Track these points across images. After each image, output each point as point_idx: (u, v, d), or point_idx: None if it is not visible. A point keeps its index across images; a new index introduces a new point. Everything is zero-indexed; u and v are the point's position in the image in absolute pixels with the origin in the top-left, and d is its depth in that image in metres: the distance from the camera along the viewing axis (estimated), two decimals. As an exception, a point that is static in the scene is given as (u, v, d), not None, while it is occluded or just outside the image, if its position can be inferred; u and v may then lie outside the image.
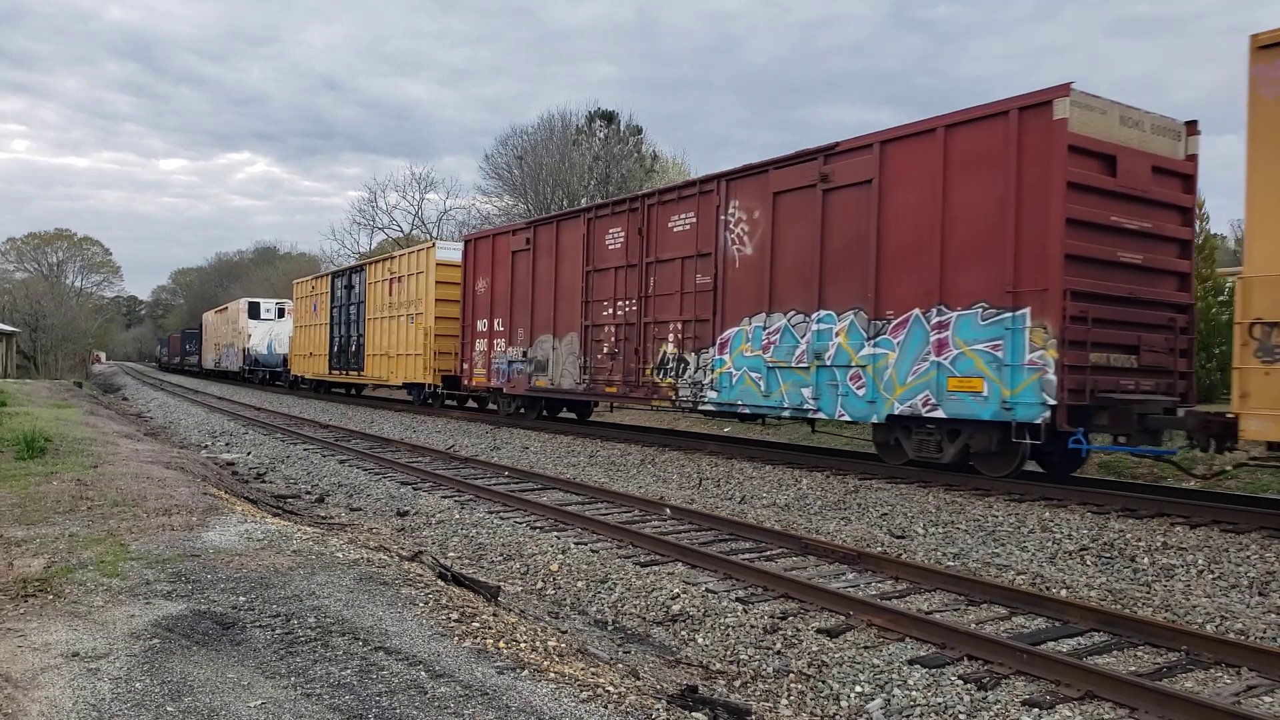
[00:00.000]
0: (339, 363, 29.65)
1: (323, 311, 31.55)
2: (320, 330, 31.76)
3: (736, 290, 13.43)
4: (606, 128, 40.22)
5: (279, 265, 77.69)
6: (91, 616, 4.67)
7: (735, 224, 13.53)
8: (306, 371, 33.96)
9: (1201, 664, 5.54)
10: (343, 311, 29.48)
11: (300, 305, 35.00)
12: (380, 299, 26.04)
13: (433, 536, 9.76)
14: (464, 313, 21.05)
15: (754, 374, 12.99)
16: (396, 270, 25.11)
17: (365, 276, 27.56)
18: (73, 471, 9.51)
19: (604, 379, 16.20)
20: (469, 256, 21.07)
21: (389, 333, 25.23)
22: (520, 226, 19.46)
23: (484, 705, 3.73)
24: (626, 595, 7.36)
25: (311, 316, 33.10)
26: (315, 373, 32.75)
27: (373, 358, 26.58)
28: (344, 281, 29.78)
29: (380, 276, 26.25)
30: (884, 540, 8.91)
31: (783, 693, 5.51)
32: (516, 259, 19.13)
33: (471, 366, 20.67)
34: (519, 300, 18.92)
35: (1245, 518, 8.59)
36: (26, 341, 57.37)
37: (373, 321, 26.60)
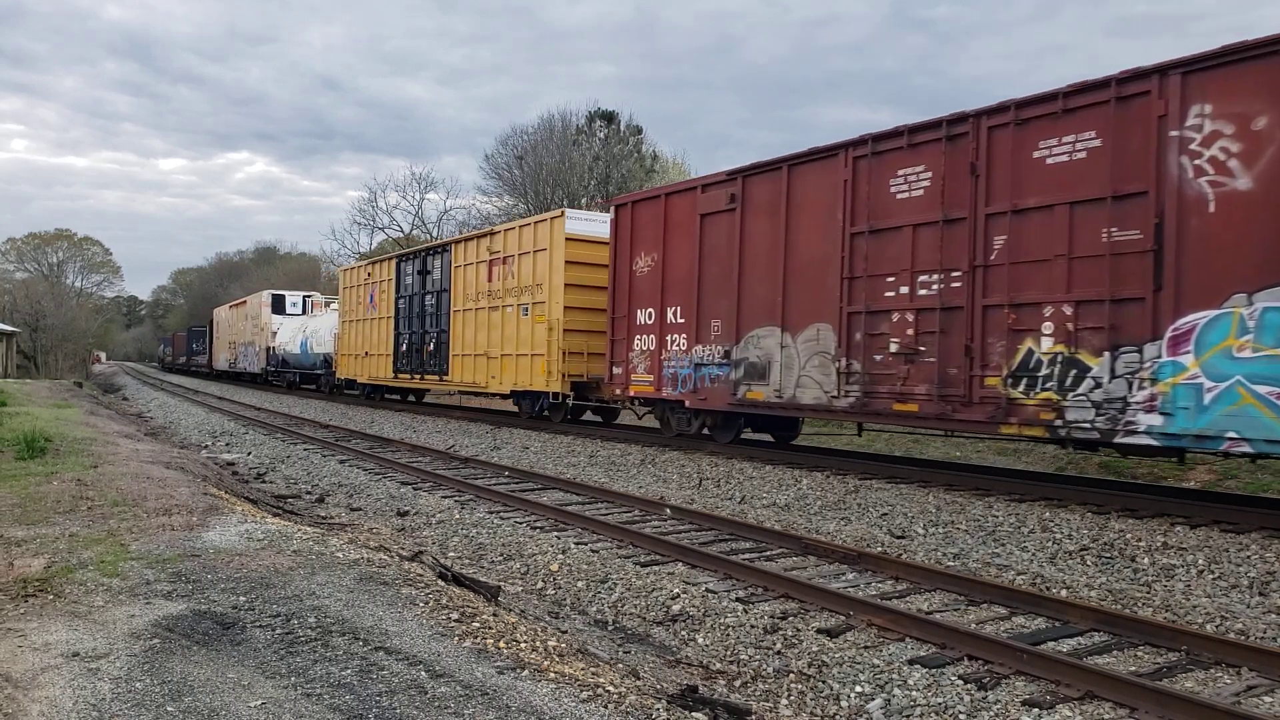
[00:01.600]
0: (409, 364, 24.30)
1: (384, 303, 25.99)
2: (380, 326, 26.33)
3: (1213, 249, 8.44)
4: (606, 128, 40.22)
5: (279, 265, 77.72)
6: (92, 616, 4.67)
7: (1204, 142, 8.61)
8: (360, 374, 28.05)
9: (1201, 664, 5.55)
10: (414, 302, 24.16)
11: (350, 296, 29.26)
12: (473, 286, 20.97)
13: (433, 536, 9.76)
14: (613, 300, 15.92)
15: (1269, 387, 7.94)
16: (500, 249, 19.84)
17: (450, 258, 22.23)
18: (73, 471, 9.51)
19: (891, 390, 11.13)
20: (622, 226, 15.81)
21: (488, 327, 20.19)
22: (716, 179, 13.82)
23: (484, 705, 3.73)
24: (627, 595, 7.36)
25: (366, 309, 27.58)
26: (373, 376, 26.80)
27: (462, 359, 21.45)
28: (416, 265, 24.23)
29: (474, 257, 21.00)
30: (884, 540, 8.91)
31: (783, 693, 5.51)
32: (709, 224, 13.90)
33: (627, 371, 15.48)
34: (713, 280, 13.78)
35: (1245, 518, 8.59)
36: (26, 341, 57.38)
37: (462, 314, 21.51)
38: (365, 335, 27.62)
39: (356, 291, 28.85)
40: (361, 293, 28.24)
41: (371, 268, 27.71)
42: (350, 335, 29.17)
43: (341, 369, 30.14)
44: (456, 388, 22.31)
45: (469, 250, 21.54)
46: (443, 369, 22.49)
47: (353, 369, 28.87)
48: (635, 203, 15.70)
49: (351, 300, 29.19)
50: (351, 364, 29.02)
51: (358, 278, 28.95)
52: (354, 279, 29.36)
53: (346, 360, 29.49)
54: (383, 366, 26.05)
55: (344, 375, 29.89)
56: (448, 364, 22.20)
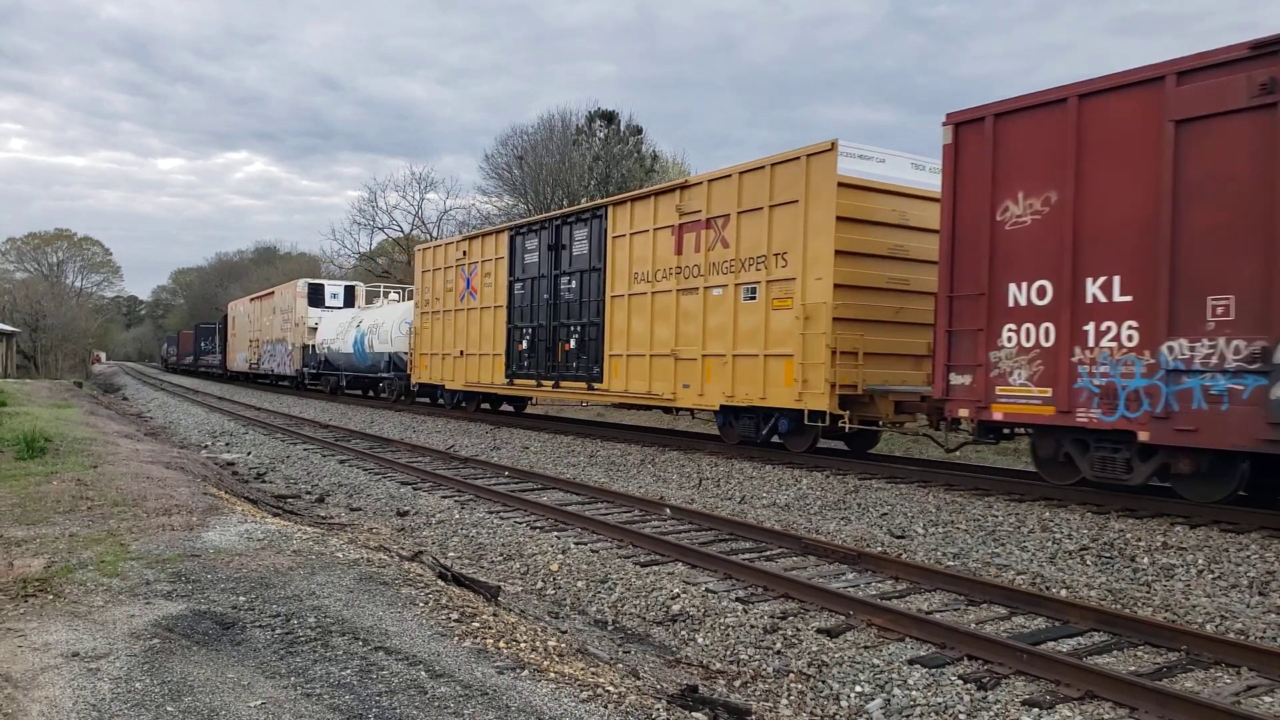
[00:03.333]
0: (533, 367, 18.73)
1: (490, 288, 20.54)
2: (483, 318, 20.77)
3: None
4: (606, 128, 40.23)
5: (279, 265, 77.70)
6: (91, 616, 4.67)
7: None
8: (450, 379, 22.14)
9: (1201, 664, 5.55)
10: (539, 287, 18.64)
11: (432, 282, 23.26)
12: (647, 261, 15.50)
13: (433, 536, 9.76)
14: (951, 271, 10.68)
15: None
16: (700, 207, 14.28)
17: (605, 225, 16.62)
18: (73, 471, 9.51)
19: None
20: (971, 154, 10.49)
21: (676, 318, 14.83)
22: (1219, 58, 8.51)
23: (484, 705, 3.73)
24: (626, 595, 7.36)
25: (459, 297, 21.85)
26: (471, 381, 21.13)
27: (626, 360, 15.94)
28: (544, 239, 18.56)
29: (648, 222, 15.53)
30: (884, 540, 8.91)
31: (783, 693, 5.51)
32: (1195, 138, 8.65)
33: (985, 381, 10.25)
34: (1208, 233, 8.55)
35: (1245, 518, 8.59)
36: (26, 341, 57.40)
37: (626, 300, 15.99)
38: (459, 330, 21.81)
39: (442, 276, 22.75)
40: (451, 277, 22.31)
41: (468, 245, 21.68)
42: (433, 331, 23.02)
43: (420, 372, 23.82)
44: (614, 398, 16.69)
45: (639, 213, 15.79)
46: (591, 373, 16.83)
47: (438, 372, 22.75)
48: (1001, 116, 10.19)
49: (435, 287, 23.04)
50: (436, 366, 22.88)
51: (444, 258, 22.76)
52: (438, 260, 23.10)
53: (428, 361, 23.33)
54: (488, 369, 20.39)
55: (423, 380, 23.62)
56: (601, 367, 16.49)
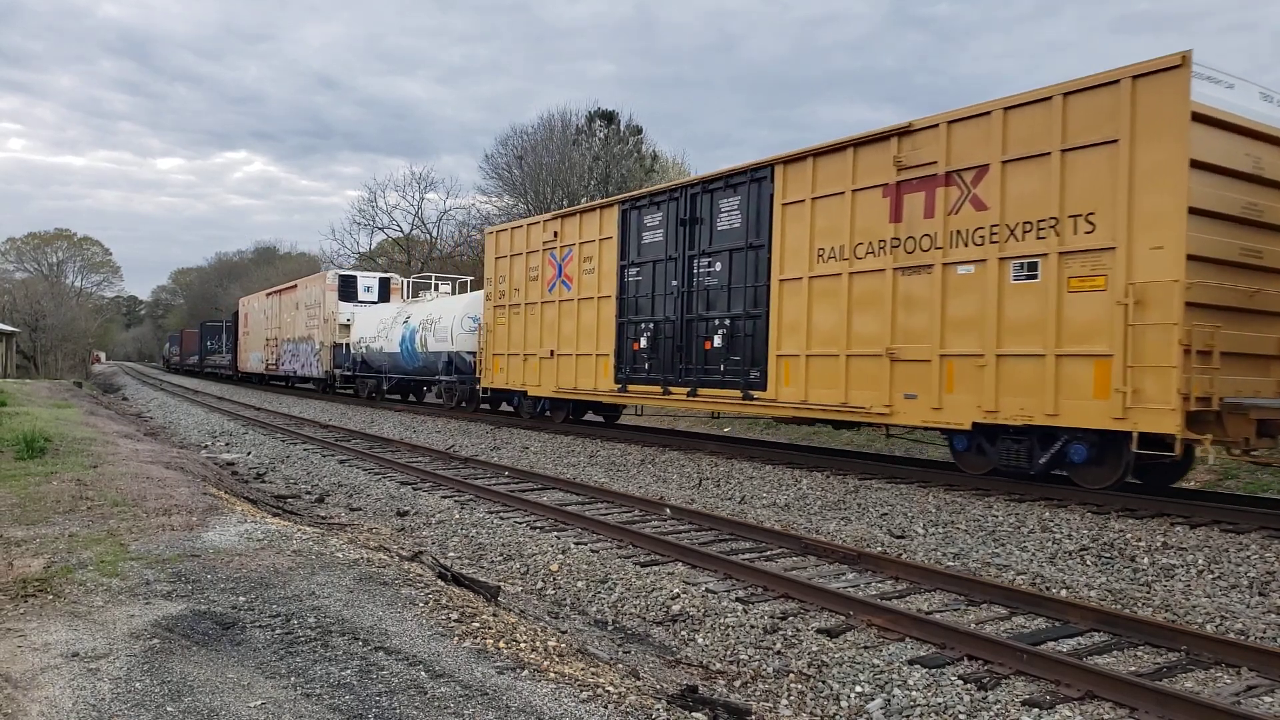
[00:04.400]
0: (658, 370, 15.22)
1: (591, 276, 16.96)
2: (581, 311, 17.29)
3: None
4: (606, 128, 40.24)
5: (279, 265, 77.68)
6: (91, 616, 4.67)
7: None
8: (537, 384, 18.60)
9: (1201, 664, 5.55)
10: (666, 272, 15.08)
11: (507, 271, 19.86)
12: (838, 233, 11.93)
13: (433, 536, 9.76)
14: None
15: None
16: (925, 157, 10.84)
17: (771, 191, 12.96)
18: (73, 471, 9.51)
19: None
20: None
21: (887, 305, 11.25)
22: None
23: (484, 705, 3.73)
24: (626, 595, 7.36)
25: (548, 287, 18.39)
26: (566, 387, 17.54)
27: (800, 362, 12.45)
28: (676, 212, 14.88)
29: (842, 181, 11.90)
30: (884, 540, 8.91)
31: (783, 693, 5.51)
32: None
33: None
34: None
35: (1245, 518, 8.59)
36: (26, 341, 57.39)
37: (803, 284, 12.41)
38: (547, 326, 18.28)
39: (523, 262, 19.22)
40: (537, 263, 18.77)
41: (559, 224, 17.98)
42: (510, 327, 19.61)
43: (492, 375, 20.32)
44: (785, 411, 12.80)
45: (827, 171, 12.10)
46: (747, 378, 13.34)
47: (517, 376, 19.29)
48: None
49: (514, 275, 19.57)
50: (515, 369, 19.41)
51: (526, 241, 19.12)
52: (517, 243, 19.50)
53: (503, 363, 19.88)
54: (588, 373, 16.93)
55: (496, 384, 20.18)
56: (763, 371, 13.06)
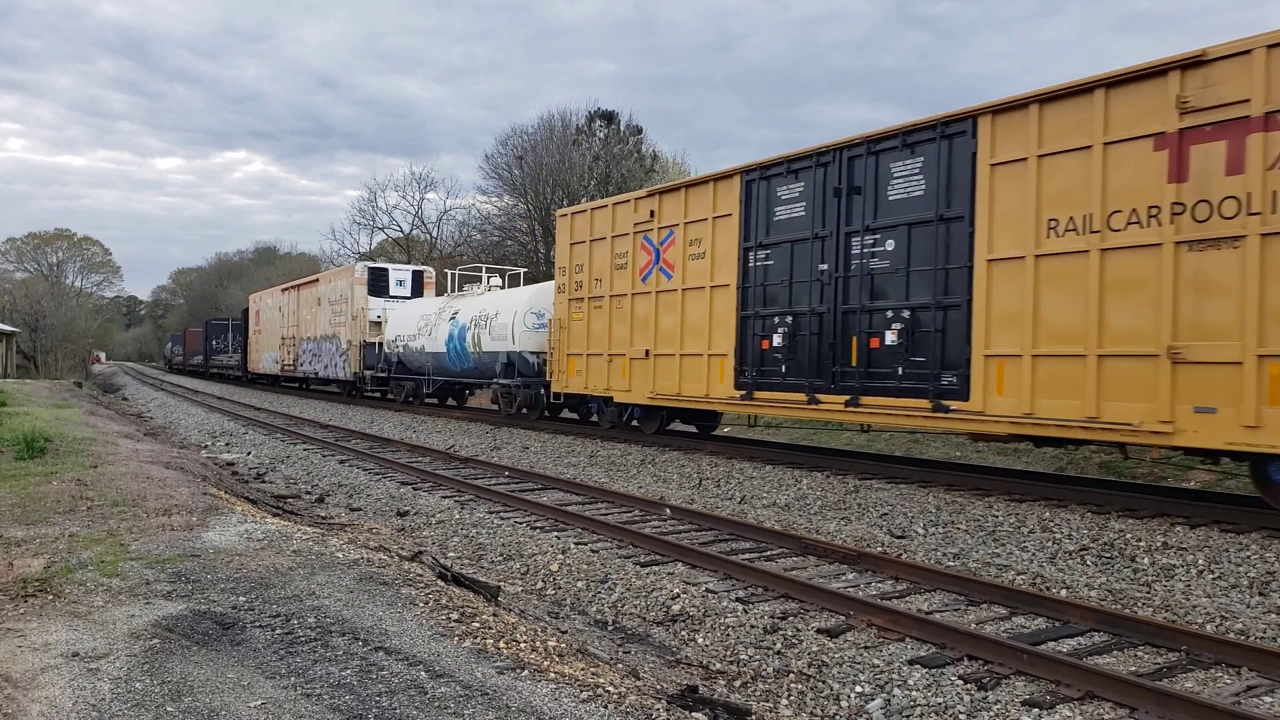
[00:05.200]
0: (800, 373, 12.58)
1: (703, 262, 14.27)
2: (691, 304, 14.55)
3: None
4: (606, 128, 40.23)
5: (279, 265, 77.71)
6: (91, 616, 4.67)
7: None
8: (626, 389, 15.95)
9: (1201, 664, 5.55)
10: (808, 253, 12.52)
11: (587, 256, 17.04)
12: (1079, 197, 9.43)
13: (433, 536, 9.76)
14: None
15: None
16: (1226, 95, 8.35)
17: (973, 146, 10.51)
18: (73, 471, 9.51)
19: None
20: None
21: (1166, 289, 8.68)
22: None
23: (484, 705, 3.73)
24: (626, 595, 7.36)
25: (642, 275, 15.60)
26: (667, 392, 14.99)
27: (1021, 364, 9.88)
28: (827, 180, 12.28)
29: (1085, 134, 9.36)
30: (884, 540, 8.91)
31: (783, 693, 5.51)
32: None
33: None
34: None
35: (1245, 518, 8.59)
36: (26, 341, 57.42)
37: (1025, 265, 9.92)
38: (640, 321, 15.56)
39: (608, 248, 16.39)
40: (626, 248, 15.92)
41: (657, 201, 15.17)
42: (590, 323, 16.92)
43: (566, 379, 17.61)
44: (1000, 427, 10.08)
45: (1060, 120, 9.67)
46: (939, 385, 10.74)
47: (599, 379, 16.55)
48: None
49: (593, 264, 16.81)
50: (595, 371, 16.69)
51: (612, 222, 16.32)
52: (600, 225, 16.65)
53: (580, 364, 17.16)
54: (698, 376, 14.22)
55: (571, 389, 17.54)
56: (962, 375, 10.48)
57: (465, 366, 22.19)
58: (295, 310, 34.58)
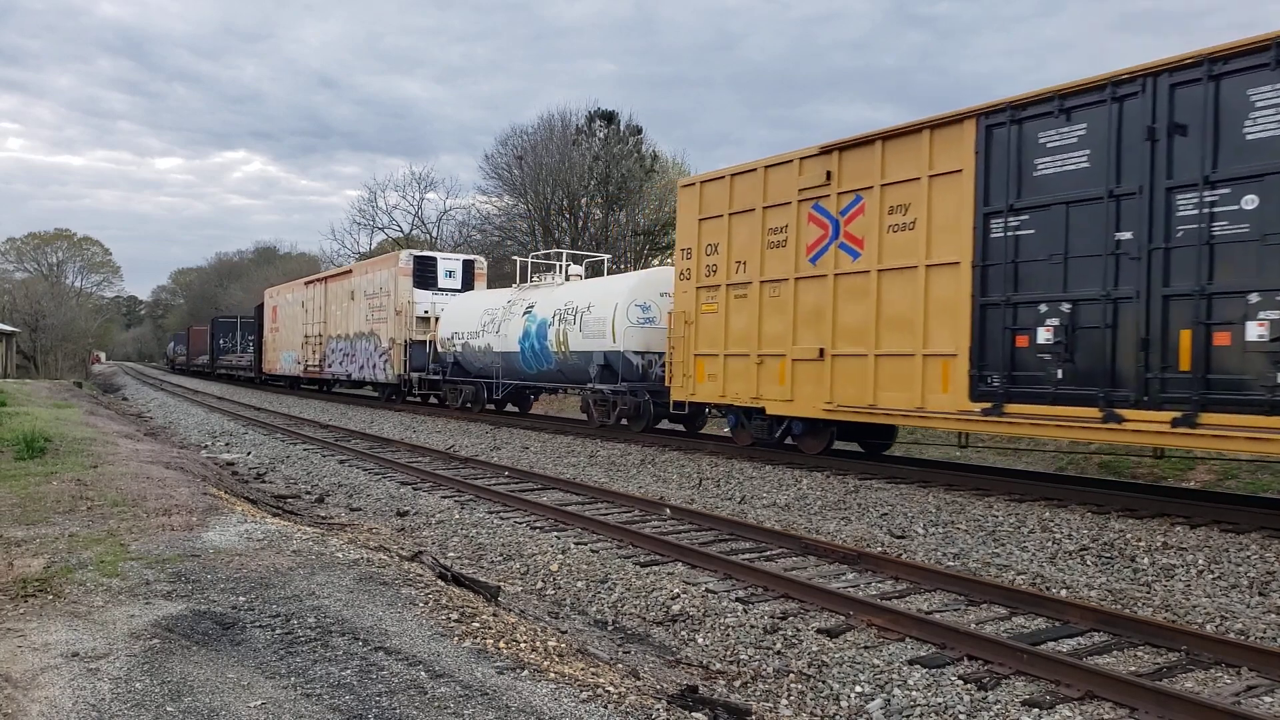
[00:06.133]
0: (1086, 380, 9.25)
1: (909, 234, 11.13)
2: (888, 289, 11.42)
3: None
4: (606, 128, 40.23)
5: (279, 265, 77.75)
6: (91, 616, 4.67)
7: None
8: (788, 397, 12.84)
9: (1201, 664, 5.55)
10: (1096, 219, 9.20)
11: (725, 233, 13.90)
12: None
13: (433, 536, 9.76)
14: None
15: None
16: None
17: None
18: (72, 471, 9.51)
19: None
20: None
21: None
22: None
23: (484, 705, 3.73)
24: (626, 595, 7.36)
25: (810, 256, 12.56)
26: (849, 403, 11.81)
27: None
28: (1116, 118, 9.05)
29: None
30: (884, 540, 8.91)
31: (783, 693, 5.51)
32: None
33: None
34: None
35: (1245, 518, 8.59)
36: (26, 341, 57.42)
37: None
38: (807, 314, 12.51)
39: (750, 224, 13.44)
40: (783, 222, 12.88)
41: (836, 160, 12.09)
42: (728, 316, 13.85)
43: (690, 383, 14.53)
44: None
45: None
46: None
47: (743, 384, 13.56)
48: None
49: (733, 242, 13.79)
50: (739, 374, 13.65)
51: (756, 191, 13.33)
52: (738, 196, 13.68)
53: (714, 366, 14.10)
54: (906, 382, 11.09)
55: (701, 397, 14.45)
56: None
57: (544, 368, 19.09)
58: (322, 306, 31.37)
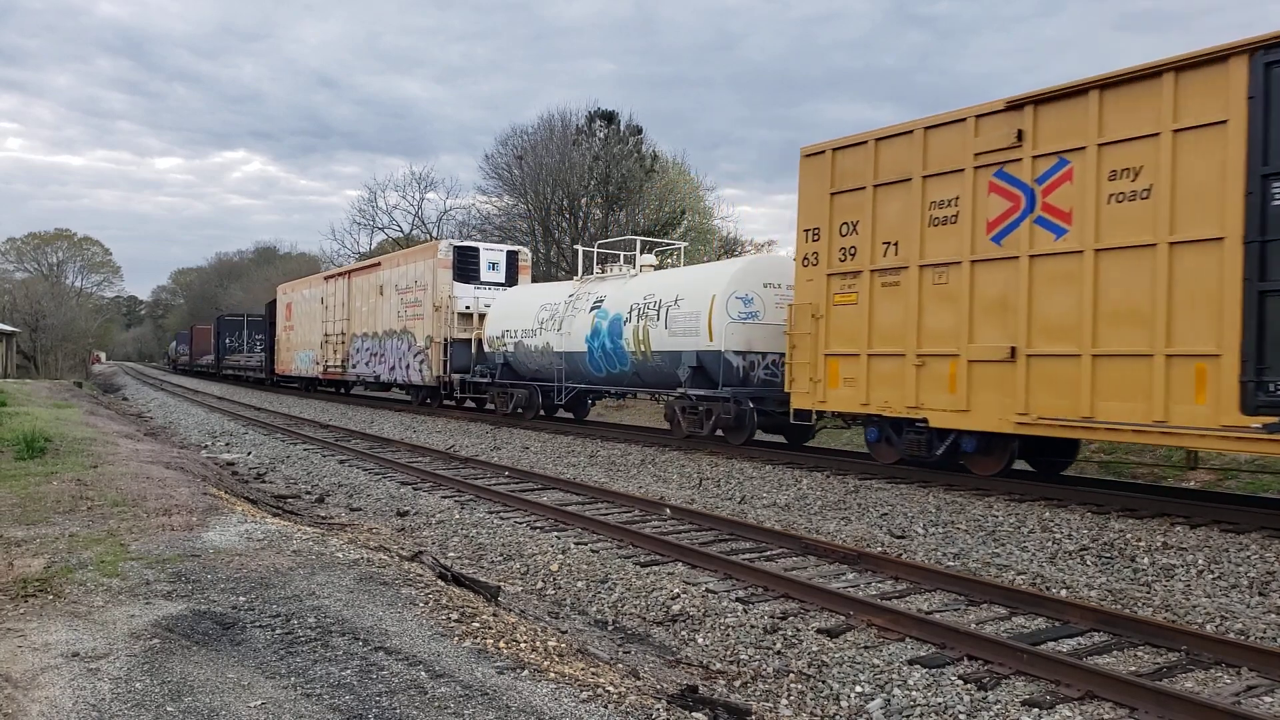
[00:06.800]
0: None
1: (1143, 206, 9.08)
2: (1102, 272, 9.39)
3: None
4: (606, 128, 40.20)
5: (279, 265, 77.79)
6: (91, 616, 4.67)
7: None
8: (955, 408, 10.67)
9: (1201, 664, 5.55)
10: None
11: (866, 211, 11.81)
12: None
13: (433, 536, 9.76)
14: None
15: None
16: None
17: None
18: (73, 471, 9.51)
19: None
20: None
21: None
22: None
23: (484, 705, 3.73)
24: (626, 595, 7.36)
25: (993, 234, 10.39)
26: (1054, 416, 9.62)
27: None
28: None
29: None
30: (884, 540, 8.91)
31: (783, 693, 5.51)
32: None
33: None
34: None
35: (1245, 518, 8.59)
36: (26, 341, 57.42)
37: None
38: (987, 305, 10.49)
39: (902, 197, 11.41)
40: (952, 194, 10.84)
41: (1030, 116, 10.12)
42: (872, 309, 11.78)
43: (819, 389, 12.44)
44: None
45: None
46: None
47: (899, 390, 11.37)
48: None
49: (878, 221, 11.73)
50: (885, 378, 11.58)
51: (914, 156, 11.28)
52: (884, 164, 11.69)
53: (852, 369, 12.04)
54: (1141, 389, 9.00)
55: (832, 404, 12.40)
56: None
57: (617, 370, 16.91)
58: (345, 302, 29.19)
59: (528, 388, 20.12)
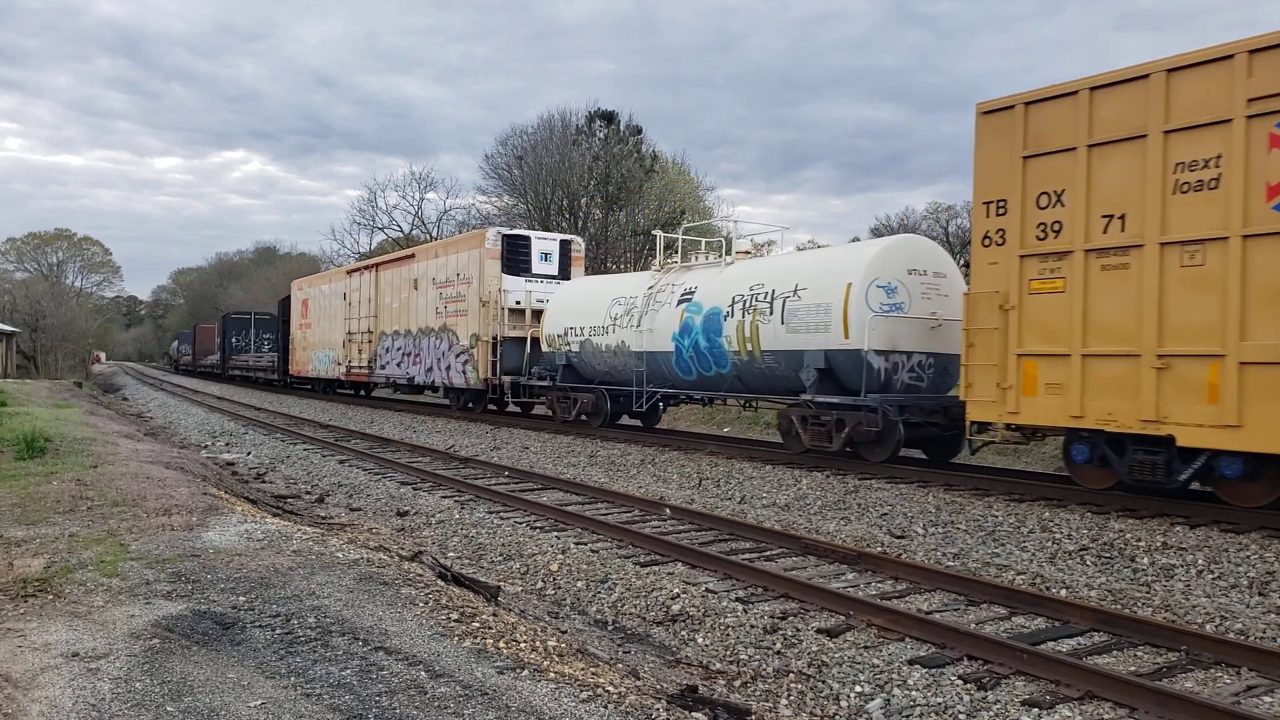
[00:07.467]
0: None
1: None
2: None
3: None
4: (606, 128, 40.23)
5: (279, 265, 77.79)
6: (91, 616, 4.67)
7: None
8: (1204, 423, 8.53)
9: (1201, 664, 5.55)
10: None
11: (1079, 178, 9.53)
12: None
13: (433, 536, 9.76)
14: None
15: None
16: None
17: None
18: (73, 471, 9.51)
19: None
20: None
21: None
22: None
23: (484, 705, 3.73)
24: (626, 595, 7.36)
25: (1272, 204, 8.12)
26: None
27: None
28: None
29: None
30: (884, 540, 8.91)
31: (783, 693, 5.51)
32: None
33: None
34: None
35: (1245, 518, 8.59)
36: (26, 341, 57.44)
37: None
38: (1261, 293, 8.24)
39: (1124, 159, 9.25)
40: (1197, 153, 8.70)
41: None
42: (1087, 299, 9.52)
43: (1011, 398, 10.10)
44: None
45: None
46: None
47: (1123, 401, 9.15)
48: None
49: (1092, 187, 9.51)
50: (1107, 384, 9.30)
51: (1137, 108, 9.14)
52: (1100, 120, 9.45)
53: (1062, 372, 9.70)
54: None
55: (1030, 418, 10.04)
56: None
57: (714, 372, 14.74)
58: (372, 298, 26.94)
59: (594, 392, 17.81)
